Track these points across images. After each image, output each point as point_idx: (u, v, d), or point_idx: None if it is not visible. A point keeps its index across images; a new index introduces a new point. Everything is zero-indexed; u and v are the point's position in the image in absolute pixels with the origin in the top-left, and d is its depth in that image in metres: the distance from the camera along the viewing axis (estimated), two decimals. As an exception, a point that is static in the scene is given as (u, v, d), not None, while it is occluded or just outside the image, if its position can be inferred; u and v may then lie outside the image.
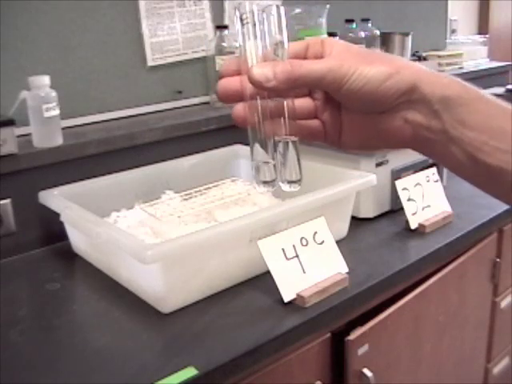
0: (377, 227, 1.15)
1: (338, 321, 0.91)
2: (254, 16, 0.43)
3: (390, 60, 0.43)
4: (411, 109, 0.42)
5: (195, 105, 1.43)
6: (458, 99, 0.41)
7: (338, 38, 1.58)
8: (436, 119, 0.41)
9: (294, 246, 0.89)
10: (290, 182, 0.46)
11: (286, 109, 0.44)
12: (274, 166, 0.45)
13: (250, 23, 0.43)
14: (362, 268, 0.97)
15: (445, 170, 1.33)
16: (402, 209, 1.12)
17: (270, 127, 0.44)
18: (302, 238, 0.90)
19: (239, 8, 0.43)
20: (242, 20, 0.43)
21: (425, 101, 0.41)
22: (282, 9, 0.43)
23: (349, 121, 0.46)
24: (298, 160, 0.45)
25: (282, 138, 0.45)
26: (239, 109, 0.44)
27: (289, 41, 0.44)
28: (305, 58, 0.44)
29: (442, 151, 0.42)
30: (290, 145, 0.45)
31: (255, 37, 0.43)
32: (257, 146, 0.45)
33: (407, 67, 0.42)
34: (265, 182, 0.45)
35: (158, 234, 0.97)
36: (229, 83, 0.44)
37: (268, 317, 0.83)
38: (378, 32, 1.71)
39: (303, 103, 0.46)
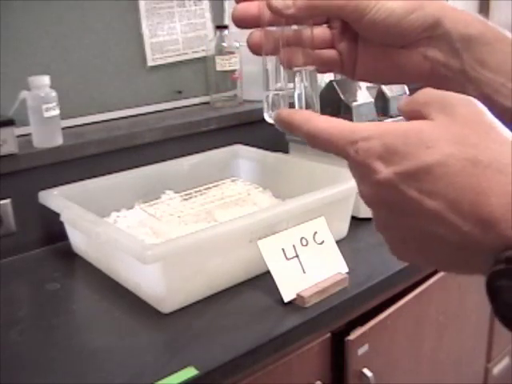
0: (377, 227, 1.15)
1: (338, 321, 0.91)
2: None
3: None
4: (431, 45, 0.41)
5: (195, 105, 1.43)
6: (480, 38, 0.40)
7: None
8: (456, 58, 0.41)
9: (293, 245, 0.88)
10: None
11: (303, 38, 0.43)
12: (286, 96, 0.44)
13: None
14: (362, 268, 0.97)
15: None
16: (401, 209, 1.12)
17: (286, 56, 0.43)
18: (302, 238, 0.90)
19: None
20: None
21: (446, 38, 0.41)
22: None
23: (365, 52, 0.44)
24: (316, 91, 0.44)
25: (300, 68, 0.43)
26: (255, 35, 0.43)
27: None
28: None
29: (458, 90, 0.41)
30: (308, 75, 0.43)
31: None
32: (270, 75, 0.43)
33: (431, 1, 0.41)
34: (273, 111, 0.44)
35: (158, 234, 0.97)
36: (246, 8, 0.42)
37: (268, 317, 0.83)
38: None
39: (320, 32, 0.45)
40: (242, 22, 0.43)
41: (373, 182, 0.33)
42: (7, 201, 1.07)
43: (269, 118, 0.44)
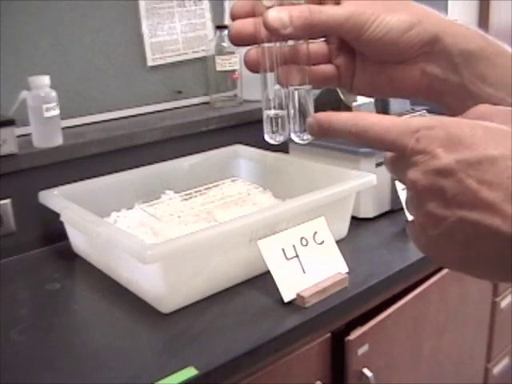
0: (377, 227, 1.15)
1: (338, 321, 0.91)
2: None
3: (412, 8, 0.41)
4: (430, 61, 0.41)
5: (195, 105, 1.43)
6: (480, 53, 0.40)
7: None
8: (455, 73, 0.40)
9: (294, 245, 0.89)
10: (302, 132, 0.44)
11: (300, 54, 0.43)
12: (285, 116, 0.44)
13: None
14: (362, 268, 0.97)
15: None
16: (401, 209, 1.12)
17: (282, 73, 0.43)
18: (302, 237, 0.90)
19: None
20: None
21: (446, 53, 0.40)
22: None
23: (363, 67, 0.44)
24: (311, 109, 0.44)
25: (295, 86, 0.43)
26: (252, 53, 0.42)
27: None
28: (321, 2, 0.42)
29: (456, 105, 0.41)
30: (303, 93, 0.43)
31: None
32: (268, 94, 0.43)
33: (430, 16, 0.40)
34: (274, 132, 0.44)
35: (158, 234, 0.97)
36: (242, 26, 0.42)
37: (268, 317, 0.83)
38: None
39: (317, 47, 0.45)
40: (238, 40, 0.42)
41: (431, 169, 0.32)
42: (7, 201, 1.07)
43: (269, 138, 0.44)
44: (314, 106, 0.44)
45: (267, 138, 0.44)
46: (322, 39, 0.45)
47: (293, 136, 0.44)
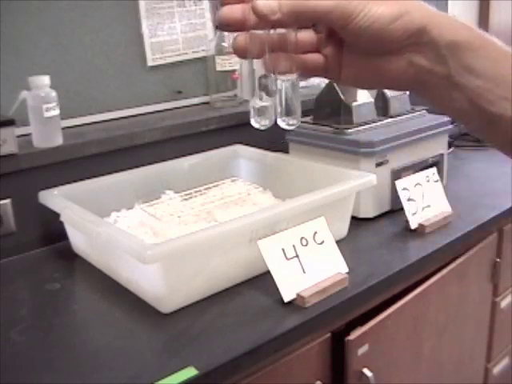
0: (377, 227, 1.15)
1: (338, 321, 0.91)
2: None
3: None
4: (417, 52, 0.41)
5: (195, 105, 1.43)
6: (467, 45, 0.40)
7: None
8: (442, 64, 0.41)
9: (294, 245, 0.88)
10: (289, 118, 0.45)
11: (288, 42, 0.43)
12: (273, 105, 0.45)
13: None
14: (362, 268, 0.97)
15: (445, 170, 1.33)
16: (401, 209, 1.12)
17: (270, 61, 0.43)
18: (302, 237, 0.90)
19: None
20: None
21: (433, 45, 0.40)
22: None
23: (351, 57, 0.44)
24: (298, 99, 0.45)
25: (284, 75, 0.44)
26: (240, 39, 0.43)
27: None
28: None
29: (443, 96, 0.42)
30: (290, 84, 0.44)
31: None
32: (256, 81, 0.44)
33: (418, 8, 0.41)
34: (260, 116, 0.45)
35: (158, 234, 0.97)
36: (231, 11, 0.42)
37: (268, 317, 0.83)
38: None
39: (306, 36, 0.45)
40: (226, 26, 0.42)
41: None
42: (7, 201, 1.07)
43: (255, 122, 0.45)
44: (299, 97, 0.45)
45: (253, 122, 0.45)
46: (311, 29, 0.45)
47: (279, 121, 0.45)
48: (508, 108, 0.39)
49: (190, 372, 0.71)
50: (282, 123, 0.45)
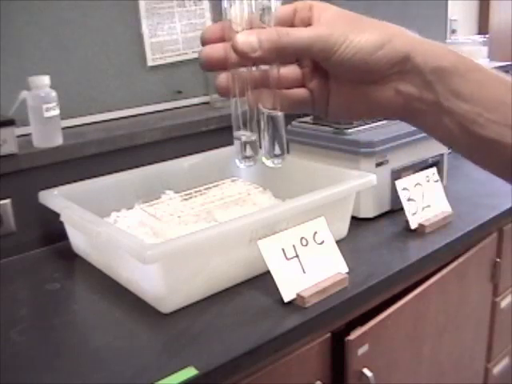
0: (377, 227, 1.15)
1: (337, 321, 0.91)
2: None
3: (382, 27, 0.41)
4: (403, 79, 0.41)
5: (195, 105, 1.43)
6: (453, 70, 0.39)
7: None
8: (429, 91, 0.40)
9: (294, 245, 0.88)
10: (274, 157, 0.44)
11: (271, 78, 0.42)
12: (257, 140, 0.43)
13: None
14: (362, 268, 0.97)
15: (445, 170, 1.33)
16: (402, 209, 1.12)
17: (253, 98, 0.43)
18: (302, 238, 0.90)
19: None
20: None
21: (418, 72, 0.40)
22: None
23: (337, 89, 0.44)
24: (282, 134, 0.43)
25: (266, 111, 0.43)
26: (223, 78, 0.42)
27: (276, 5, 0.42)
28: (292, 23, 0.42)
29: (434, 123, 0.41)
30: (274, 118, 0.43)
31: (241, 1, 0.41)
32: (239, 119, 0.43)
33: (400, 35, 0.40)
34: (246, 157, 0.44)
35: (158, 234, 0.97)
36: (212, 51, 0.42)
37: (268, 317, 0.83)
38: (377, 32, 1.71)
39: (290, 71, 0.44)
40: (208, 66, 0.42)
41: None
42: (7, 201, 1.07)
43: (239, 163, 0.44)
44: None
45: (238, 163, 0.44)
46: (294, 64, 0.44)
47: (264, 160, 0.44)
48: (498, 131, 0.39)
49: (190, 372, 0.71)
50: (267, 161, 0.44)
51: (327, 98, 0.44)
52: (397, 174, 1.17)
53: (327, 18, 0.41)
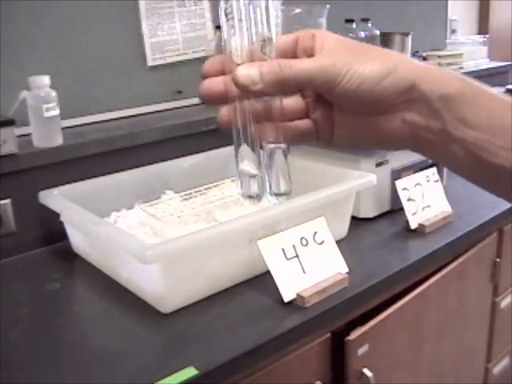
0: (377, 227, 1.15)
1: (338, 321, 0.91)
2: (240, 9, 0.39)
3: (386, 56, 0.40)
4: (409, 109, 0.39)
5: (195, 105, 1.43)
6: (460, 96, 0.38)
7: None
8: (436, 119, 0.39)
9: (294, 245, 0.88)
10: (278, 195, 0.42)
11: (273, 111, 0.41)
12: (261, 177, 0.42)
13: (235, 17, 0.39)
14: (362, 268, 0.97)
15: (445, 170, 1.33)
16: (401, 209, 1.12)
17: (256, 132, 0.41)
18: (302, 237, 0.90)
19: (224, 0, 0.39)
20: (226, 14, 0.39)
21: (424, 100, 0.39)
22: (271, 1, 0.40)
23: (342, 120, 0.43)
24: (287, 169, 0.42)
25: (270, 145, 0.41)
26: (224, 112, 0.41)
27: (278, 35, 0.41)
28: (294, 53, 0.41)
29: (443, 151, 0.40)
30: (278, 153, 0.41)
31: (241, 32, 0.39)
32: (242, 154, 0.41)
33: (405, 64, 0.39)
34: (250, 196, 0.42)
35: (158, 234, 0.97)
36: (212, 84, 0.41)
37: (268, 317, 0.83)
38: (377, 32, 1.71)
39: (293, 103, 0.43)
40: (209, 100, 0.41)
41: None
42: (7, 201, 1.07)
43: (243, 199, 0.43)
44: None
45: (242, 199, 0.42)
46: (297, 95, 0.43)
47: (268, 196, 0.43)
48: (508, 157, 0.37)
49: (190, 372, 0.71)
50: (272, 198, 0.42)
51: (332, 129, 0.43)
52: (397, 174, 1.18)
53: (330, 47, 0.40)
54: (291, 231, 0.89)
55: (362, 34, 1.67)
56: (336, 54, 0.39)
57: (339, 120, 0.43)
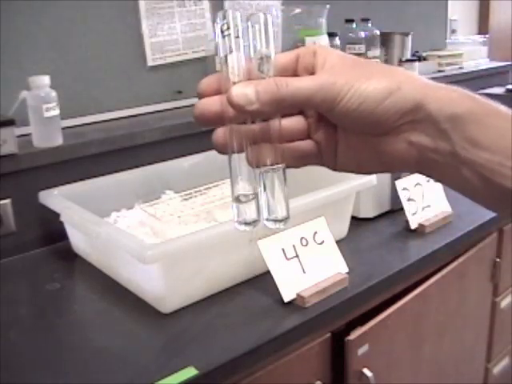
0: (377, 227, 1.15)
1: (338, 321, 0.91)
2: (237, 25, 0.37)
3: (390, 73, 0.37)
4: (415, 129, 0.37)
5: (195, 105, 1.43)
6: (469, 116, 0.36)
7: (337, 37, 1.58)
8: (444, 140, 0.36)
9: (294, 245, 0.88)
10: (276, 221, 0.40)
11: (271, 131, 0.38)
12: (257, 202, 0.39)
13: (231, 34, 0.37)
14: (362, 268, 0.97)
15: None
16: (402, 209, 1.12)
17: (252, 154, 0.39)
18: (302, 238, 0.90)
19: (220, 16, 0.37)
20: (222, 31, 0.37)
21: (432, 120, 0.36)
22: (269, 17, 0.38)
23: (346, 141, 0.40)
24: (285, 194, 0.39)
25: (266, 168, 0.39)
26: (219, 134, 0.39)
27: (277, 52, 0.38)
28: (295, 71, 0.39)
29: (453, 174, 0.37)
30: (276, 176, 0.39)
31: (238, 49, 0.37)
32: (238, 178, 0.39)
33: (410, 82, 0.37)
34: (246, 223, 0.40)
35: (158, 234, 0.97)
36: (207, 104, 0.39)
37: (268, 317, 0.83)
38: (377, 32, 1.71)
39: (294, 123, 0.40)
40: (203, 120, 0.39)
41: None
42: (7, 201, 1.07)
43: (239, 227, 0.40)
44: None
45: (237, 226, 0.40)
46: (298, 115, 0.41)
47: (266, 222, 0.40)
48: None
49: (190, 372, 0.71)
50: (269, 224, 0.40)
51: (335, 151, 0.41)
52: (397, 174, 1.17)
53: (331, 64, 0.38)
54: (291, 231, 0.89)
55: (362, 34, 1.67)
56: (337, 71, 0.37)
57: (343, 141, 0.40)
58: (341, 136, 0.40)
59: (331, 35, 1.53)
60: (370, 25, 1.71)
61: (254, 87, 0.36)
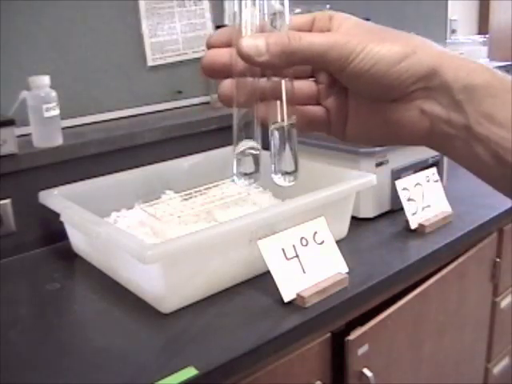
0: (377, 227, 1.15)
1: (338, 321, 0.91)
2: None
3: (406, 38, 0.36)
4: (429, 98, 0.36)
5: (195, 105, 1.43)
6: (487, 89, 0.34)
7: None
8: (458, 112, 0.35)
9: (294, 245, 0.88)
10: (285, 174, 0.40)
11: (284, 90, 0.38)
12: (258, 155, 0.39)
13: None
14: (362, 268, 0.97)
15: (445, 170, 1.33)
16: (402, 209, 1.12)
17: (262, 111, 0.38)
18: (302, 238, 0.90)
19: None
20: None
21: (446, 89, 0.35)
22: None
23: (356, 109, 0.39)
24: (295, 148, 0.39)
25: (277, 124, 0.38)
26: (226, 86, 0.38)
27: (291, 12, 0.38)
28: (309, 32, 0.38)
29: (464, 150, 0.36)
30: (286, 130, 0.39)
31: (253, 5, 0.37)
32: (242, 132, 0.38)
33: (426, 48, 0.36)
34: (245, 174, 0.39)
35: (158, 234, 0.97)
36: (216, 55, 0.38)
37: (268, 317, 0.83)
38: (378, 32, 1.71)
39: (304, 85, 0.40)
40: (210, 71, 0.38)
41: None
42: (7, 201, 1.07)
43: (237, 180, 0.39)
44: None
45: (236, 180, 0.39)
46: (309, 79, 0.40)
47: (275, 178, 0.40)
48: None
49: (190, 372, 0.71)
50: (278, 180, 0.40)
51: (345, 119, 0.40)
52: (397, 174, 1.18)
53: (347, 27, 0.37)
54: (291, 231, 0.89)
55: (362, 34, 1.67)
56: (352, 32, 0.37)
57: (353, 109, 0.40)
58: (351, 103, 0.39)
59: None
60: (370, 25, 1.71)
61: (264, 39, 0.36)
